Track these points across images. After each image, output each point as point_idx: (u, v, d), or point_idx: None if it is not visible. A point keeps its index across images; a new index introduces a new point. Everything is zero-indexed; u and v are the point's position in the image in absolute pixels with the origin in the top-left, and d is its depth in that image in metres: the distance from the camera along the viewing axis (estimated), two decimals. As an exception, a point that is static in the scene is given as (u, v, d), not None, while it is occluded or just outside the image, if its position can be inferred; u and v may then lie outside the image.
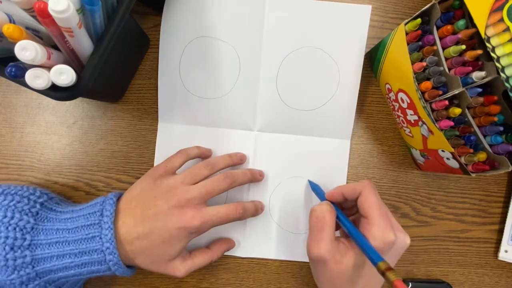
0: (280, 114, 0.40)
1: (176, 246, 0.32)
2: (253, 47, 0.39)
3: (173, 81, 0.39)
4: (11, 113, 0.40)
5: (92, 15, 0.26)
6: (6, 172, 0.39)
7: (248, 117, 0.40)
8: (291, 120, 0.40)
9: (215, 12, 0.38)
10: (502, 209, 0.42)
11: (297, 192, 0.40)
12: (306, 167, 0.40)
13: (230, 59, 0.39)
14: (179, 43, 0.39)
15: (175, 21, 0.38)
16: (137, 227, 0.31)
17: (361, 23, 0.39)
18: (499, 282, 0.42)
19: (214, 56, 0.39)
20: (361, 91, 0.40)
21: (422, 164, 0.39)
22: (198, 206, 0.32)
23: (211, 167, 0.35)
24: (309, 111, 0.40)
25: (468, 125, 0.32)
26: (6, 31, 0.22)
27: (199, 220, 0.32)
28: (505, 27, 0.27)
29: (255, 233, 0.40)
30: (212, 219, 0.32)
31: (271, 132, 0.40)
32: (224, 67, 0.39)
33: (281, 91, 0.40)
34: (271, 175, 0.40)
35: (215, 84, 0.39)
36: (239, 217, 0.35)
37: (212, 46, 0.39)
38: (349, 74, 0.40)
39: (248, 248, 0.40)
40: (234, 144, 0.40)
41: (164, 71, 0.39)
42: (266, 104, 0.40)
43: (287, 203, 0.40)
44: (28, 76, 0.25)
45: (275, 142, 0.40)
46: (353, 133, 0.41)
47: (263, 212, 0.40)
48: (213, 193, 0.33)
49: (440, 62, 0.31)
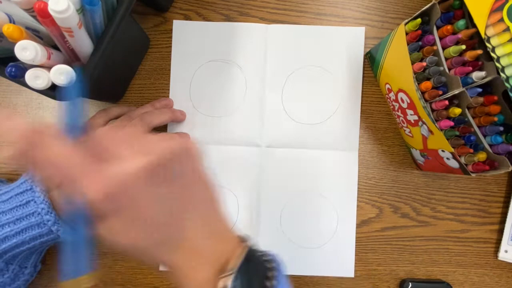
0: (286, 129, 0.40)
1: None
2: (258, 68, 0.40)
3: (184, 103, 0.40)
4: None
5: (92, 15, 0.26)
6: (6, 172, 0.39)
7: (255, 133, 0.40)
8: (298, 135, 0.40)
9: (222, 38, 0.40)
10: (502, 209, 0.42)
11: (308, 206, 0.41)
12: (315, 181, 0.41)
13: (237, 80, 0.40)
14: (190, 68, 0.40)
15: (185, 47, 0.40)
16: None
17: (357, 43, 0.41)
18: (499, 282, 0.42)
19: (221, 77, 0.41)
20: (361, 91, 0.41)
21: (422, 164, 0.39)
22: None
23: (132, 118, 0.36)
24: (315, 125, 0.41)
25: (468, 125, 0.32)
26: (6, 31, 0.22)
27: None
28: (505, 27, 0.27)
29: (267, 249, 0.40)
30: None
31: (279, 147, 0.40)
32: (231, 87, 0.40)
33: (287, 107, 0.41)
34: (281, 190, 0.40)
35: (223, 103, 0.40)
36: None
37: (220, 69, 0.41)
38: (350, 88, 0.41)
39: None
40: (243, 160, 0.40)
41: (175, 93, 0.40)
42: (273, 120, 0.40)
43: (298, 217, 0.40)
44: (28, 76, 0.25)
45: (283, 157, 0.40)
46: (353, 133, 0.41)
47: (275, 227, 0.40)
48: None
49: (440, 62, 0.31)
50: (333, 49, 0.41)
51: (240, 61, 0.40)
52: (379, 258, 0.41)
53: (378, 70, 0.39)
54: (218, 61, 0.40)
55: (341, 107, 0.41)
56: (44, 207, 0.30)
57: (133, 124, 0.34)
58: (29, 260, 0.35)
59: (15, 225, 0.30)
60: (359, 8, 0.42)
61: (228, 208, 0.39)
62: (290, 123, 0.40)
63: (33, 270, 0.35)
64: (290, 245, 0.40)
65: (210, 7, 0.41)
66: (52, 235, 0.32)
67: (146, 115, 0.35)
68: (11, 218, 0.30)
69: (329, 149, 0.41)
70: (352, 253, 0.41)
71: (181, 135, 0.39)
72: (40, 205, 0.30)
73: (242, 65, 0.40)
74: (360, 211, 0.41)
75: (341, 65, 0.41)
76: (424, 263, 0.42)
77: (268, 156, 0.40)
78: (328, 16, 0.41)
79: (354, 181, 0.41)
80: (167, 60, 0.40)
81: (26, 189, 0.31)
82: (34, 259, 0.35)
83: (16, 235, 0.31)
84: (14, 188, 0.32)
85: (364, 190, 0.41)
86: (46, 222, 0.31)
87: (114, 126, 0.35)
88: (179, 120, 0.40)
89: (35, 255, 0.35)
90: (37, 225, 0.31)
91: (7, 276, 0.33)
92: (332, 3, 0.41)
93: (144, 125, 0.35)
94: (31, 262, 0.35)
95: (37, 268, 0.36)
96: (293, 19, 0.41)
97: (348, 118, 0.41)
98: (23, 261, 0.34)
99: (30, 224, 0.31)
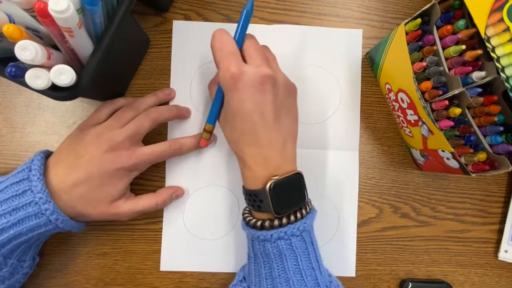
0: None
1: (118, 185, 0.33)
2: None
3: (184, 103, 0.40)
4: (11, 113, 0.40)
5: (92, 15, 0.26)
6: (6, 172, 0.39)
7: None
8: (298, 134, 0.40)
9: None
10: (502, 209, 0.42)
11: None
12: (316, 180, 0.41)
13: None
14: (190, 68, 0.40)
15: (185, 48, 0.40)
16: (71, 175, 0.31)
17: (355, 44, 0.42)
18: (499, 282, 0.42)
19: None
20: (361, 91, 0.41)
21: (422, 164, 0.39)
22: (132, 147, 0.33)
23: (135, 108, 0.35)
24: (315, 125, 0.41)
25: (468, 125, 0.32)
26: (6, 31, 0.22)
27: (135, 159, 0.33)
28: (505, 27, 0.27)
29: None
30: (148, 157, 0.34)
31: None
32: None
33: None
34: None
35: None
36: (175, 153, 0.36)
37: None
38: (350, 88, 0.41)
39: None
40: None
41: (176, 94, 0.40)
42: None
43: None
44: (28, 76, 0.25)
45: None
46: (353, 133, 0.41)
47: None
48: (140, 131, 0.34)
49: (440, 62, 0.31)
50: (332, 50, 0.41)
51: None
52: (379, 258, 0.41)
53: (378, 70, 0.39)
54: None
55: (341, 107, 0.41)
56: (42, 196, 0.29)
57: (139, 119, 0.34)
58: (28, 254, 0.34)
59: (12, 216, 0.30)
60: (359, 8, 0.42)
61: (230, 208, 0.40)
62: None
63: (32, 263, 0.35)
64: None
65: (210, 7, 0.41)
66: (50, 225, 0.31)
67: (152, 111, 0.35)
68: (7, 209, 0.30)
69: (330, 149, 0.41)
70: (353, 252, 0.41)
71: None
72: (37, 195, 0.29)
73: None
74: (360, 211, 0.41)
75: (341, 66, 0.41)
76: (424, 263, 0.42)
77: None
78: (328, 16, 0.41)
79: (355, 180, 0.41)
80: (167, 60, 0.40)
81: (22, 178, 0.30)
82: (32, 252, 0.35)
83: (12, 226, 0.30)
84: (9, 178, 0.31)
85: (364, 190, 0.41)
86: (44, 211, 0.30)
87: (117, 116, 0.34)
88: (185, 117, 0.40)
89: (33, 248, 0.34)
90: (34, 215, 0.30)
91: (6, 270, 0.32)
92: (332, 3, 0.41)
93: (150, 121, 0.35)
94: (30, 255, 0.34)
95: (35, 261, 0.36)
96: (293, 19, 0.41)
97: (348, 118, 0.41)
98: (22, 254, 0.33)
99: (27, 215, 0.30)
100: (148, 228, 0.40)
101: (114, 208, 0.33)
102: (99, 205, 0.33)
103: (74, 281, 0.39)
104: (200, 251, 0.40)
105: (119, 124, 0.34)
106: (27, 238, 0.31)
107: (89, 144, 0.32)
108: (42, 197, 0.29)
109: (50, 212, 0.30)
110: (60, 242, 0.39)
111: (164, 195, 0.37)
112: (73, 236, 0.39)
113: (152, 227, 0.40)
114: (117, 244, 0.40)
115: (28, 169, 0.31)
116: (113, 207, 0.33)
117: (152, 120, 0.35)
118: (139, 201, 0.35)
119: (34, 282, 0.39)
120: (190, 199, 0.40)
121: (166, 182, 0.40)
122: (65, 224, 0.31)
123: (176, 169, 0.40)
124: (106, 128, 0.33)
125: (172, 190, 0.38)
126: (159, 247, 0.40)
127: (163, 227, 0.40)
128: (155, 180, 0.40)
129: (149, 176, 0.40)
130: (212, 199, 0.40)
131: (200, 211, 0.40)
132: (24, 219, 0.30)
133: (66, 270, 0.39)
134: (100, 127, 0.33)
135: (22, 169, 0.31)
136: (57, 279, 0.39)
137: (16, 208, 0.30)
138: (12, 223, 0.30)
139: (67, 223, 0.32)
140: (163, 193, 0.37)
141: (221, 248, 0.40)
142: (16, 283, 0.34)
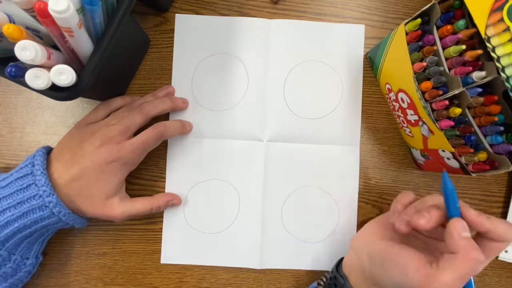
0: (288, 123, 0.40)
1: (112, 181, 0.34)
2: (260, 62, 0.41)
3: (186, 97, 0.40)
4: (11, 113, 0.40)
5: (92, 15, 0.26)
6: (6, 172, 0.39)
7: (257, 127, 0.40)
8: (300, 129, 0.40)
9: (225, 33, 0.40)
10: (502, 209, 0.42)
11: (309, 201, 0.41)
12: (317, 175, 0.41)
13: (239, 73, 0.40)
14: (192, 62, 0.40)
15: (187, 41, 0.40)
16: (69, 170, 0.32)
17: (357, 39, 0.41)
18: (499, 282, 0.42)
19: (224, 72, 0.41)
20: (362, 87, 0.41)
21: (422, 164, 0.39)
22: (123, 141, 0.34)
23: (131, 107, 0.36)
24: (316, 120, 0.41)
25: (469, 125, 0.32)
26: (6, 31, 0.22)
27: (123, 150, 0.33)
28: (505, 27, 0.27)
29: (269, 243, 0.40)
30: (136, 146, 0.34)
31: (281, 142, 0.40)
32: (232, 81, 0.40)
33: (289, 101, 0.41)
34: (282, 185, 0.40)
35: (224, 97, 0.40)
36: (161, 135, 0.35)
37: (222, 63, 0.41)
38: (351, 83, 0.41)
39: (264, 258, 0.40)
40: (244, 154, 0.40)
41: (177, 87, 0.40)
42: (275, 114, 0.40)
43: (300, 212, 0.40)
44: (28, 76, 0.25)
45: (285, 151, 0.40)
46: (353, 133, 0.41)
47: (276, 221, 0.40)
48: (132, 126, 0.34)
49: (440, 62, 0.31)
50: (334, 45, 0.41)
51: (242, 56, 0.40)
52: (379, 258, 0.41)
53: (378, 70, 0.39)
54: (221, 55, 0.40)
55: (342, 102, 0.41)
56: (46, 190, 0.30)
57: (131, 114, 0.35)
58: (31, 251, 0.35)
59: (16, 209, 0.31)
60: (359, 8, 0.42)
61: (231, 202, 0.40)
62: (291, 118, 0.40)
63: (35, 261, 0.35)
64: (292, 240, 0.40)
65: (210, 7, 0.41)
66: (53, 218, 0.32)
67: (145, 105, 0.35)
68: (12, 203, 0.31)
69: (331, 144, 0.41)
70: None
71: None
72: (41, 188, 0.30)
73: (244, 59, 0.40)
74: (360, 211, 0.41)
75: (342, 61, 0.41)
76: (424, 263, 0.42)
77: (269, 150, 0.40)
78: (328, 16, 0.41)
79: (356, 175, 0.41)
80: (167, 60, 0.40)
81: (26, 173, 0.31)
82: (36, 250, 0.35)
83: (17, 219, 0.31)
84: (13, 173, 0.32)
85: (364, 190, 0.41)
86: (48, 204, 0.31)
87: (114, 116, 0.35)
88: (181, 108, 0.39)
89: (37, 245, 0.35)
90: (38, 208, 0.31)
91: (9, 266, 0.33)
92: (332, 3, 0.41)
93: (143, 115, 0.35)
94: (33, 252, 0.35)
95: (38, 260, 0.36)
96: (293, 19, 0.41)
97: (349, 113, 0.41)
98: (25, 251, 0.34)
99: (31, 207, 0.31)
100: (148, 228, 0.40)
101: (108, 208, 0.34)
102: (95, 201, 0.33)
103: (74, 281, 0.39)
104: (200, 245, 0.40)
105: (115, 122, 0.34)
106: (31, 231, 0.32)
107: (84, 141, 0.33)
108: (46, 190, 0.30)
109: (53, 204, 0.31)
110: (60, 242, 0.39)
111: (160, 201, 0.37)
112: (73, 236, 0.39)
113: (152, 227, 0.40)
114: (117, 244, 0.40)
115: (31, 164, 0.32)
116: (107, 206, 0.34)
117: (144, 114, 0.35)
118: (135, 203, 0.36)
119: (34, 282, 0.39)
120: (191, 192, 0.40)
121: (167, 177, 0.40)
122: (68, 217, 0.32)
123: (177, 163, 0.40)
124: (102, 125, 0.34)
125: (169, 198, 0.38)
126: (159, 247, 0.40)
127: (163, 220, 0.40)
128: (155, 180, 0.40)
129: (149, 176, 0.40)
130: (213, 193, 0.40)
131: (201, 205, 0.40)
132: (28, 212, 0.31)
133: (66, 270, 0.39)
134: (96, 125, 0.34)
135: (25, 164, 0.32)
136: (57, 279, 0.39)
137: (20, 202, 0.31)
138: (17, 216, 0.31)
139: (69, 216, 0.32)
140: (160, 199, 0.38)
141: (221, 242, 0.40)
142: (18, 282, 0.34)
